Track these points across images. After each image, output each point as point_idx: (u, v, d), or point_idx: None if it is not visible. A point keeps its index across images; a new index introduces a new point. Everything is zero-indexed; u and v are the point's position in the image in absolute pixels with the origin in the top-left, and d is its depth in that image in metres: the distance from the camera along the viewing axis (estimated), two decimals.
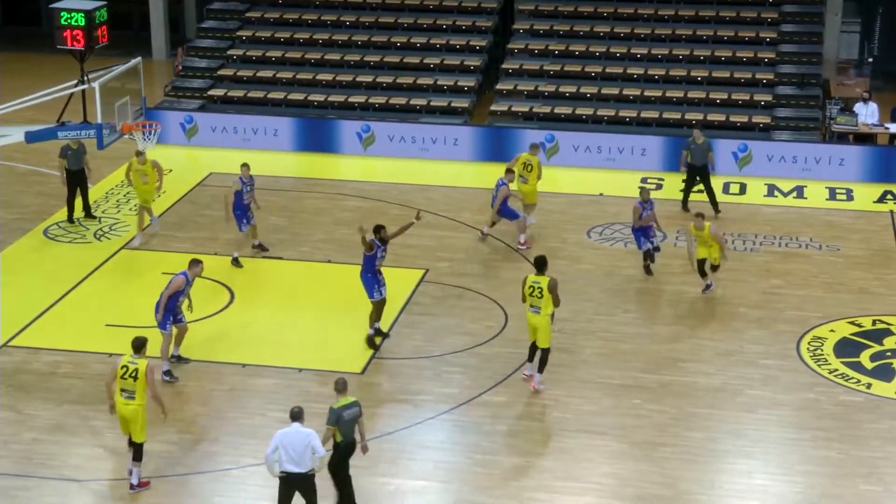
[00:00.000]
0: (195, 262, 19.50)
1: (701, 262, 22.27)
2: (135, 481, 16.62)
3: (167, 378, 19.18)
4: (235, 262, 23.43)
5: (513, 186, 24.43)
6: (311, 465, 15.20)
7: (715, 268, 22.37)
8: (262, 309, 21.75)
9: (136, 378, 16.30)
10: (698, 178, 26.24)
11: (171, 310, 19.12)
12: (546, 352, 19.05)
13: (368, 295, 20.21)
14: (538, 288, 18.81)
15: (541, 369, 19.10)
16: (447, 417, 18.63)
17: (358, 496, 15.60)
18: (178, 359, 19.71)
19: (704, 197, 26.23)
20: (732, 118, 30.30)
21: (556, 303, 19.14)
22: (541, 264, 18.97)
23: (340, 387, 15.75)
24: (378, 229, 20.33)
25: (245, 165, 23.66)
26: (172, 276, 19.18)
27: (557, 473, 17.24)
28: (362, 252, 20.20)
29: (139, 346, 16.58)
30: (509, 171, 24.55)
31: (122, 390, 16.38)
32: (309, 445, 15.12)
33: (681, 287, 22.91)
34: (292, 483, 15.27)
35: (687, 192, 26.48)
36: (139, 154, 24.11)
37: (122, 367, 16.39)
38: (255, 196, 23.70)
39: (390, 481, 17.03)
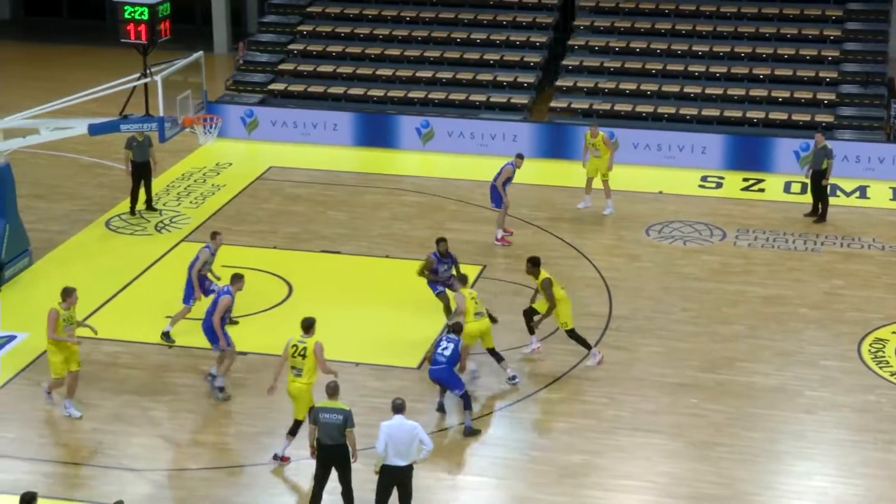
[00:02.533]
0: (238, 278, 18.81)
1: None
2: (279, 452, 17.03)
3: (221, 394, 18.85)
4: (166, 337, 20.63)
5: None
6: (417, 457, 15.21)
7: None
8: (320, 303, 21.83)
9: (304, 356, 16.76)
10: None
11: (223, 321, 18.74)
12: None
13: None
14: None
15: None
16: (504, 414, 18.62)
17: (415, 490, 15.60)
18: (213, 380, 19.09)
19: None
20: (795, 117, 30.01)
21: (551, 301, 19.21)
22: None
23: (329, 390, 15.66)
24: (438, 241, 20.61)
25: (219, 234, 21.01)
26: (216, 296, 18.72)
27: (613, 471, 17.19)
28: (426, 266, 20.44)
29: (308, 326, 17.00)
30: (520, 155, 24.68)
31: (292, 368, 16.90)
32: (416, 438, 15.12)
33: (740, 286, 22.74)
34: (393, 476, 15.25)
35: (814, 198, 25.95)
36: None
37: (292, 347, 16.86)
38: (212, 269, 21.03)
39: (447, 476, 17.06)
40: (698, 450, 17.66)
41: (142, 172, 25.51)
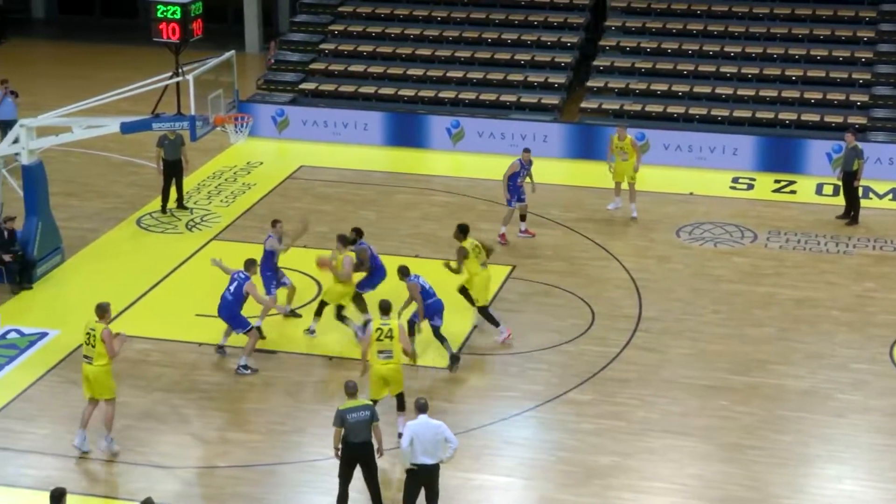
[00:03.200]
0: (251, 263, 19.78)
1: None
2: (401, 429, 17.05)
3: (245, 371, 19.42)
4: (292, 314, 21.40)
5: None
6: (444, 455, 15.25)
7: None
8: (350, 302, 21.82)
9: (391, 338, 17.06)
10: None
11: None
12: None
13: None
14: None
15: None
16: (532, 414, 18.59)
17: (442, 491, 15.60)
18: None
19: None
20: (827, 118, 29.83)
21: (458, 268, 19.99)
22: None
23: (350, 389, 15.71)
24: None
25: (278, 221, 21.24)
26: (238, 284, 19.39)
27: (642, 473, 17.13)
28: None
29: (386, 308, 17.30)
30: (526, 150, 24.72)
31: (380, 352, 17.13)
32: (442, 436, 15.17)
33: (771, 289, 22.63)
34: (422, 475, 15.28)
35: (847, 200, 25.80)
36: None
37: (377, 330, 17.09)
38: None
39: (474, 477, 17.04)
40: (728, 452, 17.58)
41: (173, 171, 25.60)
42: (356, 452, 15.62)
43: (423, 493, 15.49)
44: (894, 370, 19.83)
